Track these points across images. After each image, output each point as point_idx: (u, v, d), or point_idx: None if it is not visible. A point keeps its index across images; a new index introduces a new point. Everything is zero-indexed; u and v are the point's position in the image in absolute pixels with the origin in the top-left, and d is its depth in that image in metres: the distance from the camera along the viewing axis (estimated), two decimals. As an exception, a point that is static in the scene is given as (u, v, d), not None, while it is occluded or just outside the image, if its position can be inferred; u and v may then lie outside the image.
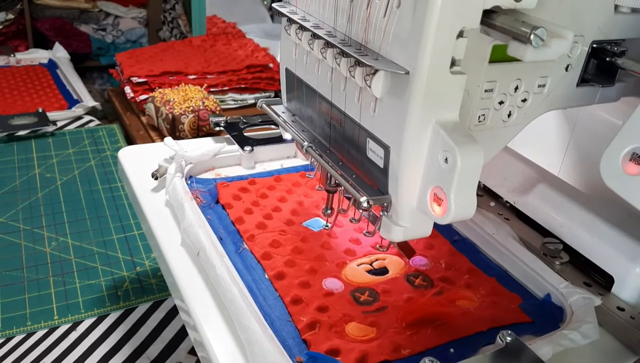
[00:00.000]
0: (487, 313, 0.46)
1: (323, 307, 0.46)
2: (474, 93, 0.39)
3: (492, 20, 0.34)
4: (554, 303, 0.48)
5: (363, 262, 0.52)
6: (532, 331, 0.45)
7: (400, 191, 0.39)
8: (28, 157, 0.93)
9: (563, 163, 0.64)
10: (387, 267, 0.52)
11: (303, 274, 0.50)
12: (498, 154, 0.43)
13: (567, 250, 0.54)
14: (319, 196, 0.62)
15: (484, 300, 0.48)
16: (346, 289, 0.48)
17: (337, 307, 0.46)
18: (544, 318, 0.46)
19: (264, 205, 0.59)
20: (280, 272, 0.49)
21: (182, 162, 0.61)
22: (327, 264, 0.51)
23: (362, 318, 0.45)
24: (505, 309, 0.47)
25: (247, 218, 0.57)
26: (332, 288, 0.48)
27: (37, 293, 0.64)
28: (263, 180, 0.64)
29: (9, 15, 1.60)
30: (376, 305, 0.47)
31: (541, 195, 0.55)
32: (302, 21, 0.44)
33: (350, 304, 0.47)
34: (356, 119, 0.42)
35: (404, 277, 0.51)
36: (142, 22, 1.79)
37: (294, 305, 0.46)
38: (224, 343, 0.42)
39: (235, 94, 1.19)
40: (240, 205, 0.59)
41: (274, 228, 0.56)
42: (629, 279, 0.48)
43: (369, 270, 0.51)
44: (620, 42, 0.43)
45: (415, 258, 0.53)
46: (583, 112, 0.60)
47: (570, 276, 0.52)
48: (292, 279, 0.49)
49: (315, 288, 0.48)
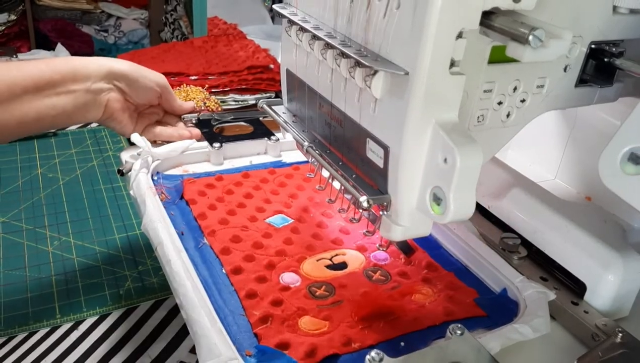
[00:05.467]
0: (441, 307, 0.46)
1: (278, 301, 0.46)
2: (473, 93, 0.40)
3: (491, 21, 0.34)
4: (509, 297, 0.48)
5: (323, 257, 0.53)
6: (486, 325, 0.45)
7: (400, 191, 0.39)
8: (31, 157, 0.94)
9: (561, 163, 0.64)
10: (347, 262, 0.52)
11: (261, 269, 0.50)
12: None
13: (525, 244, 0.54)
14: (286, 193, 0.63)
15: (439, 294, 0.48)
16: (303, 283, 0.49)
17: (292, 301, 0.46)
18: (499, 312, 0.46)
19: (228, 201, 0.60)
20: (237, 267, 0.50)
21: (148, 158, 0.62)
22: (287, 259, 0.52)
23: (316, 312, 0.45)
24: (461, 303, 0.47)
25: (209, 214, 0.57)
26: (288, 282, 0.49)
27: (39, 292, 0.64)
28: (230, 176, 0.65)
29: (12, 16, 1.61)
30: (331, 300, 0.47)
31: (515, 199, 0.55)
32: (303, 22, 0.44)
33: (306, 298, 0.47)
34: (356, 119, 0.42)
35: (363, 272, 0.51)
36: (143, 23, 1.80)
37: (249, 299, 0.46)
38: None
39: (236, 95, 1.19)
40: (204, 201, 0.59)
41: (236, 224, 0.56)
42: (601, 286, 0.47)
43: (328, 265, 0.52)
44: (618, 43, 0.43)
45: (375, 253, 0.54)
46: (581, 112, 0.61)
47: (527, 270, 0.52)
48: (249, 274, 0.49)
49: (272, 282, 0.49)
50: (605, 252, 0.47)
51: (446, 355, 0.38)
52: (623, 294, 0.47)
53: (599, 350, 0.43)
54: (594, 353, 0.43)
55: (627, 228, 0.52)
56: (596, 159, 0.41)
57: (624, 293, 0.47)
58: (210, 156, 0.68)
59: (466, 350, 0.38)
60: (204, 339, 0.40)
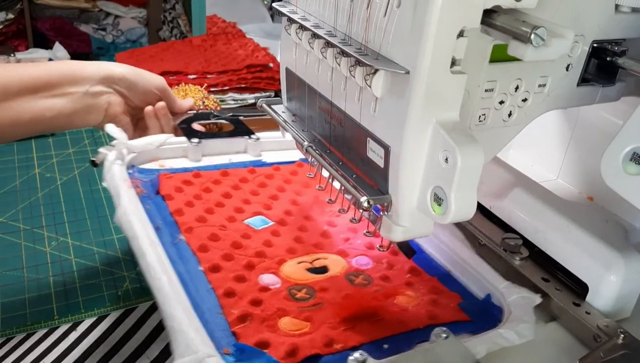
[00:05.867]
0: (425, 311, 0.46)
1: (257, 300, 0.45)
2: (475, 93, 0.39)
3: (492, 19, 0.34)
4: (493, 303, 0.47)
5: (304, 260, 0.51)
6: (470, 330, 0.44)
7: (401, 191, 0.39)
8: (28, 156, 0.93)
9: (563, 163, 0.64)
10: (328, 266, 0.51)
11: (240, 269, 0.49)
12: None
13: (527, 245, 0.53)
14: (266, 194, 0.61)
15: (423, 298, 0.47)
16: (283, 285, 0.47)
17: (271, 301, 0.45)
18: (483, 318, 0.46)
19: (206, 199, 0.58)
20: (215, 265, 0.49)
21: (123, 149, 0.60)
22: (266, 261, 0.50)
23: (297, 313, 0.44)
24: (444, 307, 0.46)
25: (187, 211, 0.55)
26: (268, 283, 0.48)
27: (37, 293, 0.64)
28: (209, 173, 0.63)
29: (9, 15, 1.60)
30: (312, 302, 0.46)
31: (517, 199, 0.55)
32: (303, 21, 0.44)
33: (286, 300, 0.46)
34: (356, 118, 0.42)
35: (344, 276, 0.50)
36: (142, 21, 1.79)
37: (227, 297, 0.45)
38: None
39: (235, 94, 1.18)
40: (181, 198, 0.57)
41: (214, 222, 0.54)
42: (602, 287, 0.47)
43: (309, 268, 0.50)
44: (620, 42, 0.43)
45: (357, 257, 0.52)
46: (583, 111, 0.60)
47: (529, 271, 0.51)
48: (228, 272, 0.48)
49: (251, 282, 0.47)
50: (607, 253, 0.47)
51: (431, 358, 0.37)
52: (625, 295, 0.47)
53: (600, 351, 0.42)
54: (595, 355, 0.42)
55: (629, 229, 0.52)
56: (598, 159, 0.41)
57: (626, 294, 0.47)
58: (188, 152, 0.66)
59: (451, 354, 0.37)
60: (180, 335, 0.39)
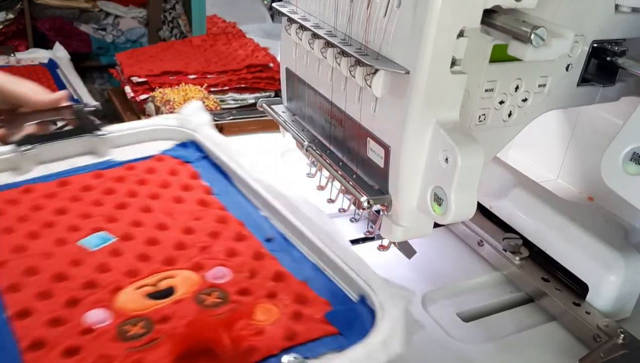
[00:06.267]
0: (283, 330, 0.38)
1: (73, 349, 0.37)
2: (475, 93, 0.39)
3: (492, 19, 0.34)
4: (368, 306, 0.40)
5: (146, 283, 0.43)
6: (338, 344, 0.37)
7: (401, 191, 0.39)
8: None
9: (563, 163, 0.64)
10: (175, 286, 0.42)
11: (58, 308, 0.40)
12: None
13: (527, 245, 0.54)
14: (112, 203, 0.51)
15: (285, 311, 0.40)
16: (114, 322, 0.39)
17: (93, 347, 0.37)
18: (352, 328, 0.39)
19: (34, 220, 0.48)
20: (24, 309, 0.39)
21: None
22: (97, 292, 0.41)
23: (124, 358, 0.36)
24: (308, 321, 0.39)
25: (2, 240, 0.45)
26: (94, 322, 0.39)
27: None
28: (43, 186, 0.52)
29: (9, 14, 1.60)
30: (147, 338, 0.38)
31: (517, 199, 0.55)
32: (303, 21, 0.44)
33: (113, 341, 0.37)
34: (356, 118, 0.42)
35: (194, 297, 0.41)
36: (142, 21, 1.79)
37: (33, 350, 0.36)
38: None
39: (235, 94, 1.18)
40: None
41: (37, 250, 0.45)
42: (602, 287, 0.47)
43: (151, 293, 0.41)
44: (620, 42, 0.43)
45: (214, 270, 0.44)
46: (583, 111, 0.60)
47: (529, 271, 0.51)
48: (40, 316, 0.39)
49: (71, 324, 0.39)
50: (607, 253, 0.47)
51: None
52: (625, 295, 0.47)
53: (600, 351, 0.43)
54: (595, 354, 0.42)
55: (629, 229, 0.52)
56: (598, 159, 0.41)
57: (626, 294, 0.47)
58: (18, 163, 0.53)
59: None
60: None
